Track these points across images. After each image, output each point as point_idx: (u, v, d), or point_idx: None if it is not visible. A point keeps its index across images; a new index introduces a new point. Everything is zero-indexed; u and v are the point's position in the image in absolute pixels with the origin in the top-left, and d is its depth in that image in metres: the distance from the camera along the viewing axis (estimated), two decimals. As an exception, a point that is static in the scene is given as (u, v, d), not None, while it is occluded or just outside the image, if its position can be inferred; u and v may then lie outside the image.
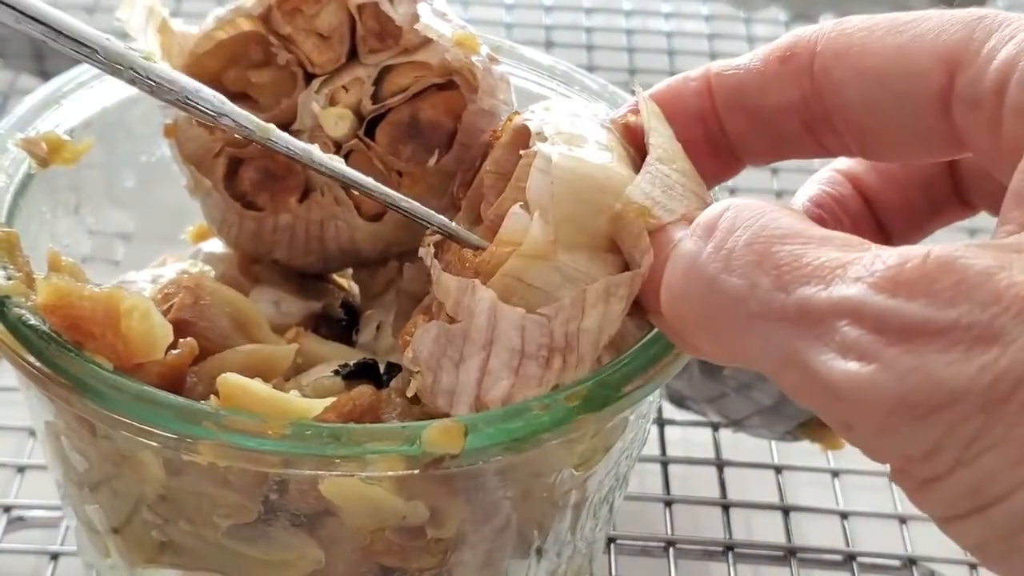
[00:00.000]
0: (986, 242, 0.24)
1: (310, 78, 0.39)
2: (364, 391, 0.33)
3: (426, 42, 0.38)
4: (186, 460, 0.32)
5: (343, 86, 0.39)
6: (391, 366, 0.36)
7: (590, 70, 0.56)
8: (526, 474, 0.35)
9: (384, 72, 0.39)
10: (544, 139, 0.32)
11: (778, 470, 0.51)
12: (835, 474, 0.51)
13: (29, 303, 0.33)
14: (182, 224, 0.47)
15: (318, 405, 0.32)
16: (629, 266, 0.31)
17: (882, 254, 0.24)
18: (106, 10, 0.72)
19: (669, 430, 0.52)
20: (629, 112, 0.34)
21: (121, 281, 0.40)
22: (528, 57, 0.44)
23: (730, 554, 0.47)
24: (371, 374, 0.36)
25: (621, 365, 0.33)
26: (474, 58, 0.38)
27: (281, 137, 0.34)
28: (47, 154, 0.39)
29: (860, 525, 0.49)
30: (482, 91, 0.38)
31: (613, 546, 0.47)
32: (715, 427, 0.53)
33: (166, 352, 0.33)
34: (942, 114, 0.29)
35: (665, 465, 0.50)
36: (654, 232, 0.30)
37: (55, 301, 0.32)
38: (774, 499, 0.49)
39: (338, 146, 0.39)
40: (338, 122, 0.39)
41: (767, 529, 0.48)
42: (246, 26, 0.39)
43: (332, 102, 0.39)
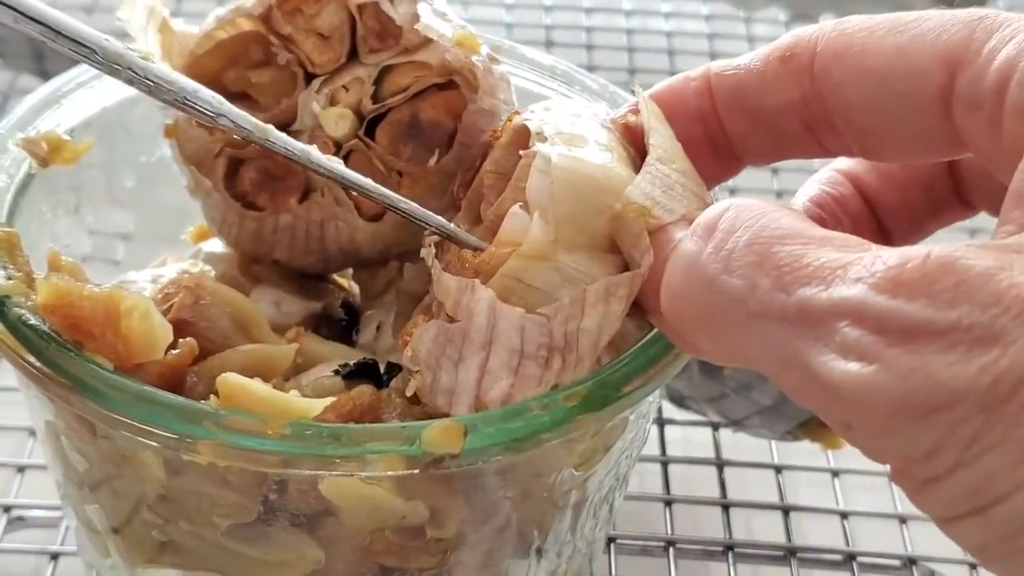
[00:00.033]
0: (986, 242, 0.24)
1: (310, 78, 0.39)
2: (364, 391, 0.33)
3: (426, 42, 0.38)
4: (186, 460, 0.32)
5: (343, 86, 0.39)
6: (391, 366, 0.36)
7: (590, 70, 0.55)
8: (526, 474, 0.35)
9: (384, 72, 0.39)
10: (544, 139, 0.32)
11: (778, 470, 0.51)
12: (835, 474, 0.51)
13: (29, 303, 0.33)
14: (182, 224, 0.47)
15: (318, 405, 0.32)
16: (629, 266, 0.31)
17: (882, 255, 0.24)
18: (105, 10, 0.72)
19: (669, 430, 0.52)
20: (629, 112, 0.34)
21: (121, 281, 0.40)
22: (528, 57, 0.44)
23: (730, 554, 0.47)
24: (371, 374, 0.36)
25: (621, 365, 0.33)
26: (474, 58, 0.38)
27: (279, 138, 0.34)
28: (47, 154, 0.39)
29: (860, 525, 0.49)
30: (482, 91, 0.38)
31: (613, 546, 0.47)
32: (715, 427, 0.52)
33: (166, 352, 0.33)
34: (942, 114, 0.29)
35: (665, 465, 0.50)
36: (654, 232, 0.30)
37: (55, 301, 0.32)
38: (774, 499, 0.49)
39: (338, 146, 0.39)
40: (338, 122, 0.39)
41: (767, 529, 0.48)
42: (246, 26, 0.39)
43: (332, 102, 0.39)
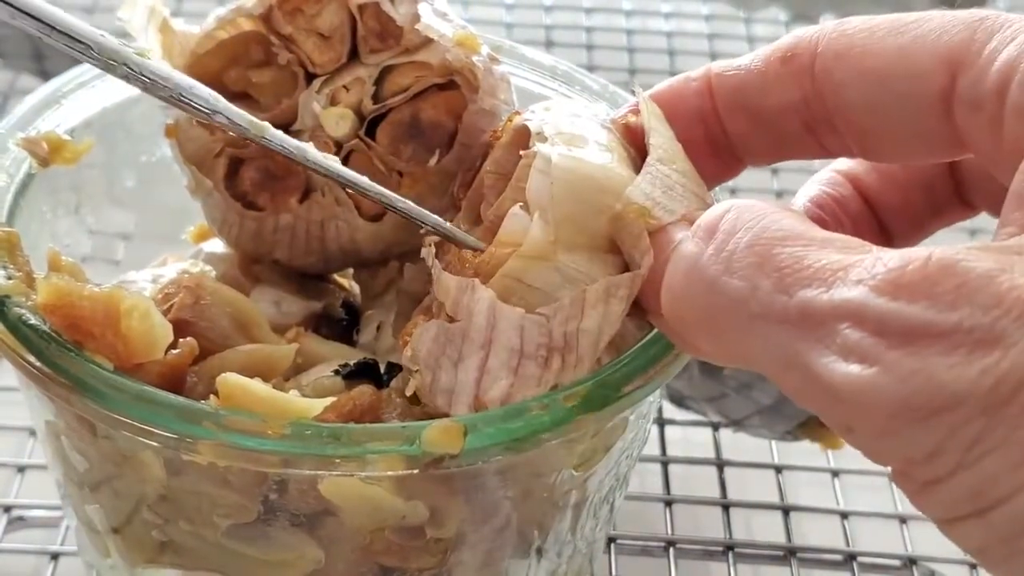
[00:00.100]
0: (987, 244, 0.24)
1: (311, 78, 0.39)
2: (364, 391, 0.33)
3: (427, 42, 0.38)
4: (186, 460, 0.32)
5: (344, 86, 0.39)
6: (391, 366, 0.36)
7: (590, 70, 0.55)
8: (526, 474, 0.35)
9: (385, 72, 0.39)
10: (544, 139, 0.32)
11: (778, 470, 0.51)
12: (835, 474, 0.51)
13: (29, 303, 0.33)
14: (183, 224, 0.47)
15: (318, 405, 0.32)
16: (629, 267, 0.31)
17: (883, 256, 0.24)
18: (105, 10, 0.72)
19: (669, 430, 0.52)
20: (629, 112, 0.34)
21: (121, 281, 0.40)
22: (529, 57, 0.44)
23: (730, 554, 0.47)
24: (371, 374, 0.36)
25: (621, 365, 0.33)
26: (475, 58, 0.38)
27: (275, 135, 0.34)
28: (48, 154, 0.39)
29: (860, 525, 0.49)
30: (483, 91, 0.38)
31: (613, 546, 0.47)
32: (715, 427, 0.52)
33: (166, 352, 0.33)
34: (943, 115, 0.29)
35: (665, 465, 0.50)
36: (654, 233, 0.30)
37: (55, 301, 0.32)
38: (774, 499, 0.49)
39: (339, 146, 0.39)
40: (339, 122, 0.39)
41: (767, 529, 0.48)
42: (247, 26, 0.39)
43: (333, 102, 0.39)
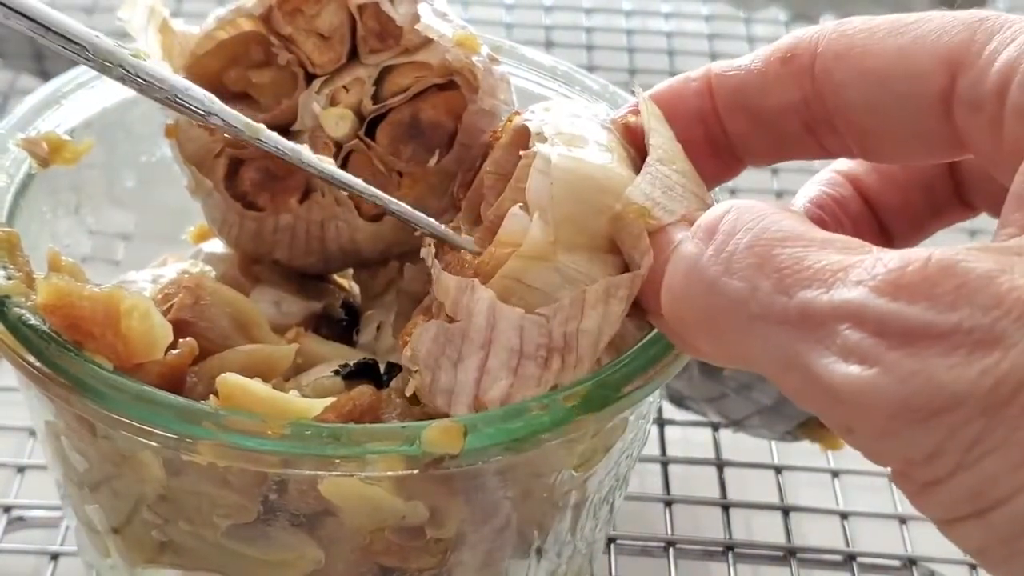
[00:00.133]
0: (987, 245, 0.24)
1: (311, 78, 0.39)
2: (364, 391, 0.33)
3: (427, 42, 0.38)
4: (186, 460, 0.32)
5: (344, 86, 0.39)
6: (391, 366, 0.36)
7: (590, 70, 0.55)
8: (526, 474, 0.35)
9: (385, 72, 0.39)
10: (544, 140, 0.32)
11: (778, 470, 0.51)
12: (835, 474, 0.51)
13: (29, 303, 0.33)
14: (183, 224, 0.47)
15: (318, 405, 0.32)
16: (629, 267, 0.31)
17: (883, 257, 0.24)
18: (105, 10, 0.72)
19: (669, 430, 0.52)
20: (629, 113, 0.34)
21: (121, 281, 0.40)
22: (528, 57, 0.44)
23: (730, 554, 0.47)
24: (371, 374, 0.36)
25: (621, 365, 0.33)
26: (475, 58, 0.38)
27: (270, 137, 0.34)
28: (48, 154, 0.39)
29: (860, 525, 0.49)
30: (483, 91, 0.38)
31: (613, 546, 0.47)
32: (715, 427, 0.52)
33: (166, 352, 0.33)
34: (943, 116, 0.29)
35: (665, 465, 0.50)
36: (654, 233, 0.30)
37: (55, 301, 0.32)
38: (774, 499, 0.49)
39: (339, 146, 0.39)
40: (339, 122, 0.39)
41: (767, 529, 0.48)
42: (247, 26, 0.39)
43: (333, 102, 0.39)
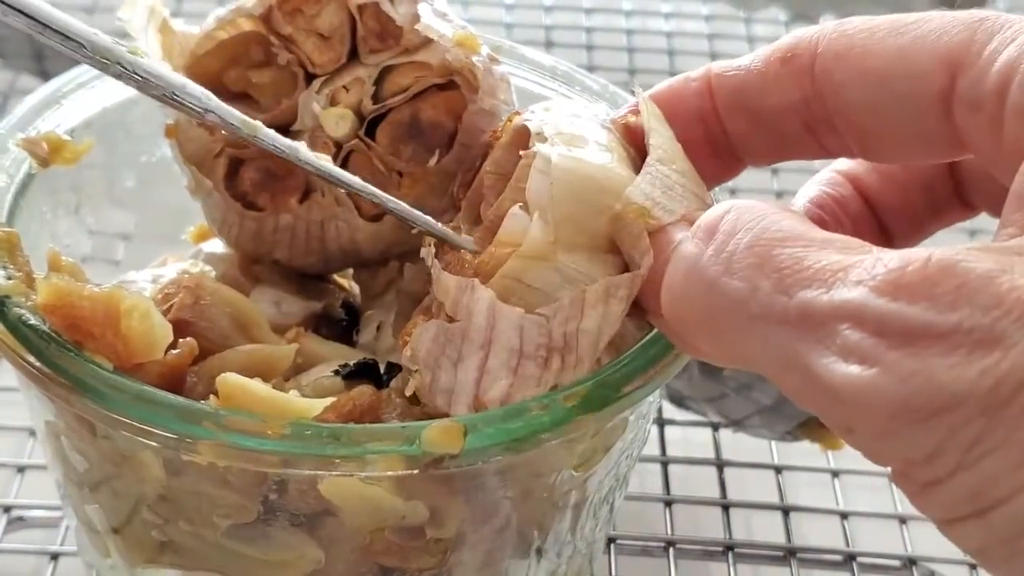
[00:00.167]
0: (987, 245, 0.24)
1: (311, 78, 0.39)
2: (364, 391, 0.33)
3: (427, 42, 0.38)
4: (186, 460, 0.32)
5: (344, 86, 0.39)
6: (391, 366, 0.36)
7: (590, 70, 0.55)
8: (526, 474, 0.35)
9: (385, 72, 0.39)
10: (544, 140, 0.32)
11: (778, 470, 0.51)
12: (835, 474, 0.51)
13: (29, 303, 0.33)
14: (183, 224, 0.47)
15: (318, 405, 0.32)
16: (629, 267, 0.31)
17: (883, 257, 0.24)
18: (105, 10, 0.72)
19: (669, 430, 0.52)
20: (629, 112, 0.34)
21: (121, 281, 0.40)
22: (528, 57, 0.44)
23: (730, 554, 0.47)
24: (371, 374, 0.36)
25: (621, 365, 0.33)
26: (475, 58, 0.38)
27: (267, 135, 0.34)
28: (48, 154, 0.39)
29: (860, 525, 0.49)
30: (483, 91, 0.38)
31: (613, 546, 0.47)
32: (715, 427, 0.52)
33: (166, 352, 0.33)
34: (943, 116, 0.29)
35: (665, 465, 0.50)
36: (654, 233, 0.30)
37: (55, 301, 0.32)
38: (774, 499, 0.49)
39: (339, 146, 0.39)
40: (339, 122, 0.39)
41: (767, 529, 0.48)
42: (247, 26, 0.39)
43: (333, 102, 0.39)
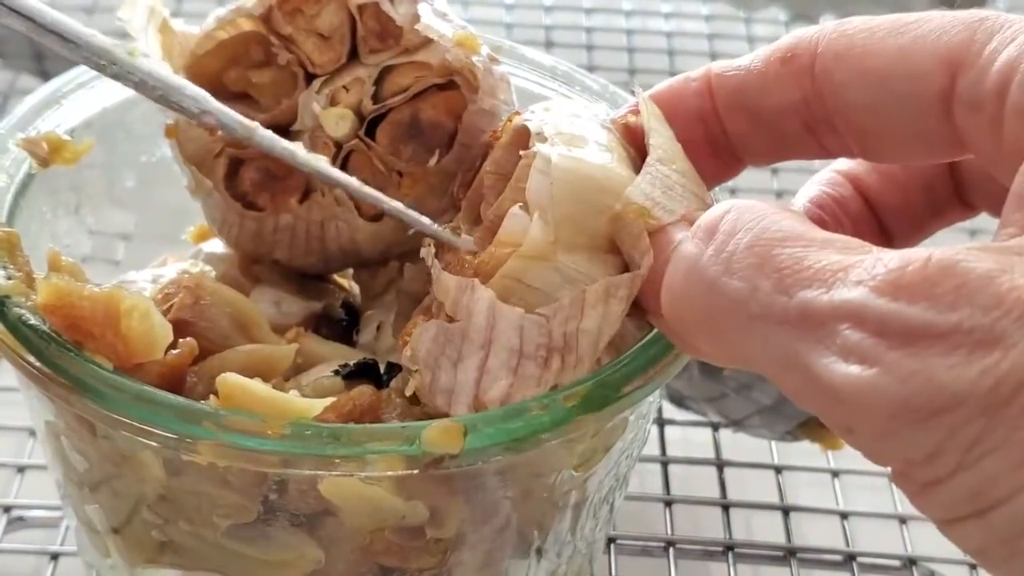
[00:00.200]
0: (987, 245, 0.24)
1: (311, 78, 0.39)
2: (364, 391, 0.33)
3: (427, 42, 0.38)
4: (186, 460, 0.32)
5: (344, 86, 0.39)
6: (391, 366, 0.36)
7: (590, 70, 0.55)
8: (526, 474, 0.35)
9: (385, 72, 0.39)
10: (544, 140, 0.32)
11: (778, 470, 0.51)
12: (835, 474, 0.51)
13: (29, 303, 0.33)
14: (183, 224, 0.47)
15: (318, 405, 0.32)
16: (629, 267, 0.31)
17: (883, 257, 0.24)
18: (105, 10, 0.72)
19: (669, 430, 0.52)
20: (629, 112, 0.34)
21: (121, 281, 0.40)
22: (528, 57, 0.44)
23: (730, 554, 0.47)
24: (371, 374, 0.36)
25: (621, 365, 0.33)
26: (475, 58, 0.38)
27: (265, 135, 0.34)
28: (48, 154, 0.39)
29: (860, 525, 0.49)
30: (483, 91, 0.38)
31: (613, 546, 0.47)
32: (715, 427, 0.52)
33: (166, 352, 0.33)
34: (943, 115, 0.29)
35: (665, 465, 0.50)
36: (654, 233, 0.30)
37: (55, 301, 0.32)
38: (774, 499, 0.49)
39: (339, 146, 0.39)
40: (339, 122, 0.39)
41: (767, 529, 0.48)
42: (247, 26, 0.39)
43: (333, 102, 0.39)
